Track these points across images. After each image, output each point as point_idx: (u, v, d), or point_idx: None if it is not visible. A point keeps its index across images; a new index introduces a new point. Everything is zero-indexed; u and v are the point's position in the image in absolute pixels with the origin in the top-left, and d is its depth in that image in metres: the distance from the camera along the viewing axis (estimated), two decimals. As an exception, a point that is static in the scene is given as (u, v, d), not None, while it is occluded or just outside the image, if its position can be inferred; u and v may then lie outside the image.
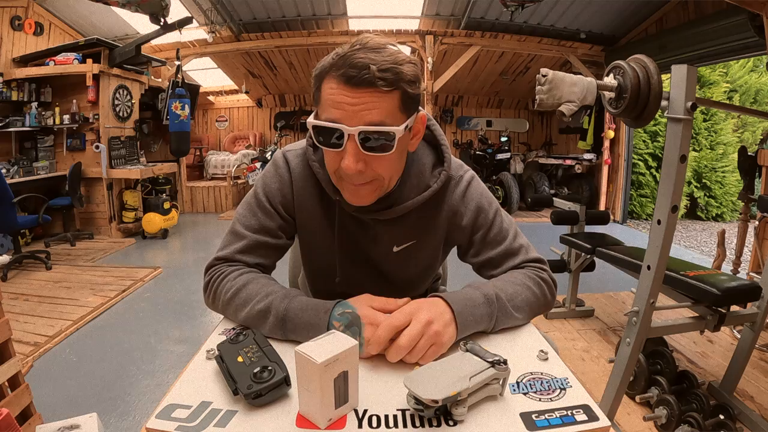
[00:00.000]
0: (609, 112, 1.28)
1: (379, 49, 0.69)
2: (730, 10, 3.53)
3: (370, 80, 0.67)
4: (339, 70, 0.68)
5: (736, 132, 6.39)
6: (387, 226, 0.85)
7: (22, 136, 4.51)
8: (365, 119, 0.69)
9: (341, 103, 0.69)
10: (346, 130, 0.69)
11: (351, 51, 0.68)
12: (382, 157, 0.72)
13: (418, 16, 5.42)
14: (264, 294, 0.75)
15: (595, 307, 2.70)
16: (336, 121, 0.69)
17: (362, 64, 0.67)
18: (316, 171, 0.83)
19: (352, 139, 0.69)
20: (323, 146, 0.73)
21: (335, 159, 0.73)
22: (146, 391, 1.96)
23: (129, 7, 3.61)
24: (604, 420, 0.54)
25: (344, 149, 0.70)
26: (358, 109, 0.68)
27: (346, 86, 0.68)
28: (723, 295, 1.45)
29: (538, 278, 0.83)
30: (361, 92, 0.68)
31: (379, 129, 0.69)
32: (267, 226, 0.85)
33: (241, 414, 0.55)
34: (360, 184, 0.75)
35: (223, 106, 8.08)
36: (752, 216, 2.79)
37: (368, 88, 0.68)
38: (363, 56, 0.67)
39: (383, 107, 0.69)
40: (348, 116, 0.69)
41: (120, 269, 3.61)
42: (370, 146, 0.70)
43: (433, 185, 0.83)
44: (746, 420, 1.60)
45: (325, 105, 0.71)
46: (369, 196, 0.77)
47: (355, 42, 0.70)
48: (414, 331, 0.65)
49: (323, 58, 0.73)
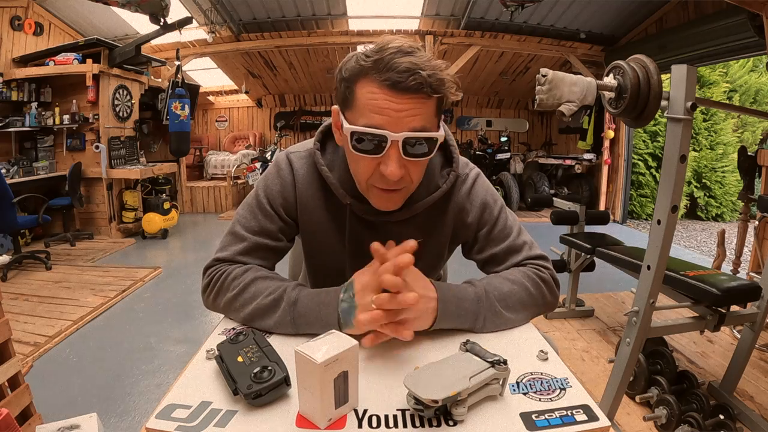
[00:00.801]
0: (609, 112, 1.29)
1: (414, 53, 0.67)
2: (730, 10, 3.53)
3: (417, 86, 0.65)
4: (381, 75, 0.66)
5: (735, 132, 6.39)
6: (397, 227, 0.85)
7: (22, 136, 4.51)
8: (409, 125, 0.68)
9: (386, 108, 0.67)
10: (390, 136, 0.67)
11: (388, 54, 0.66)
12: (418, 162, 0.72)
13: (417, 16, 5.42)
14: (275, 286, 0.76)
15: (595, 307, 2.70)
16: (379, 127, 0.68)
17: (407, 68, 0.65)
18: (326, 175, 0.82)
19: (394, 146, 0.68)
20: (360, 152, 0.71)
21: (370, 165, 0.72)
22: (146, 391, 1.96)
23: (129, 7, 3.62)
24: (604, 420, 0.54)
25: (385, 155, 0.69)
26: (403, 115, 0.67)
27: (390, 91, 0.66)
28: (723, 295, 1.45)
29: (538, 278, 0.83)
30: (406, 98, 0.66)
31: (424, 135, 0.69)
32: (267, 229, 0.84)
33: (241, 414, 0.55)
34: (393, 189, 0.74)
35: (222, 106, 8.08)
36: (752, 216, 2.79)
37: (414, 94, 0.66)
38: (404, 60, 0.65)
39: (425, 113, 0.69)
40: (392, 122, 0.67)
41: (120, 269, 3.61)
42: (411, 152, 0.70)
43: (442, 185, 0.84)
44: (746, 420, 1.60)
45: (364, 110, 0.69)
46: (399, 201, 0.78)
47: (384, 44, 0.67)
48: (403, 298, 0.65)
49: (346, 60, 0.71)
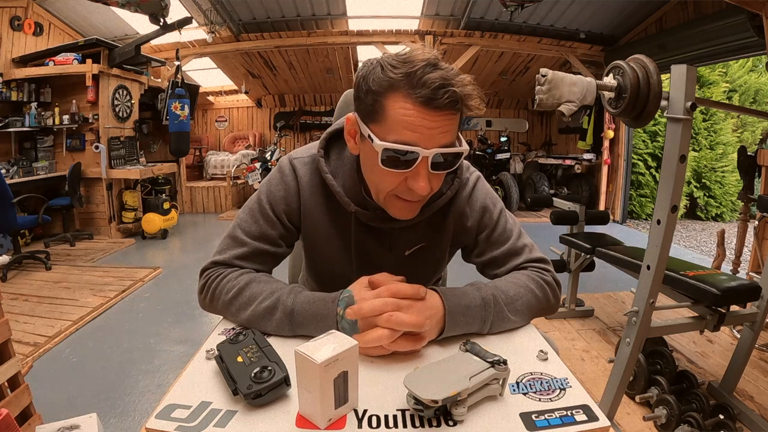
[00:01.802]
0: (609, 112, 1.29)
1: (441, 65, 0.66)
2: (730, 10, 3.53)
3: (451, 104, 0.65)
4: (415, 90, 0.65)
5: (735, 132, 6.39)
6: (400, 232, 0.85)
7: (21, 137, 4.51)
8: (440, 141, 0.68)
9: (419, 126, 0.66)
10: (422, 153, 0.67)
11: (419, 68, 0.65)
12: (441, 174, 0.73)
13: (417, 16, 5.42)
14: (269, 291, 0.75)
15: (594, 307, 2.70)
16: (412, 144, 0.67)
17: (440, 85, 0.64)
18: (330, 183, 0.81)
19: (424, 161, 0.68)
20: (388, 167, 0.69)
21: (396, 179, 0.71)
22: (146, 391, 1.96)
23: (129, 7, 3.61)
24: (603, 420, 0.54)
25: (414, 171, 0.69)
26: (436, 132, 0.67)
27: (424, 108, 0.65)
28: (723, 294, 1.45)
29: (542, 280, 0.83)
30: (439, 115, 0.66)
31: (453, 150, 0.70)
32: (268, 234, 0.83)
33: (241, 414, 0.55)
34: (416, 201, 0.75)
35: (222, 106, 8.08)
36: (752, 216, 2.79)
37: (447, 111, 0.66)
38: (436, 75, 0.64)
39: (453, 128, 0.69)
40: (425, 139, 0.67)
41: (120, 269, 3.61)
42: (438, 166, 0.70)
43: (446, 192, 0.84)
44: (746, 420, 1.60)
45: (395, 125, 0.67)
46: (417, 210, 0.78)
47: (409, 55, 0.66)
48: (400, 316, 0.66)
49: (369, 70, 0.69)
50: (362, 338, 0.65)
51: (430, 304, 0.70)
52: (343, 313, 0.70)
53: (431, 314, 0.69)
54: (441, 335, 0.71)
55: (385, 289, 0.70)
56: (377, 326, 0.66)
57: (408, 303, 0.68)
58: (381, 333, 0.65)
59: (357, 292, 0.72)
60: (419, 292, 0.70)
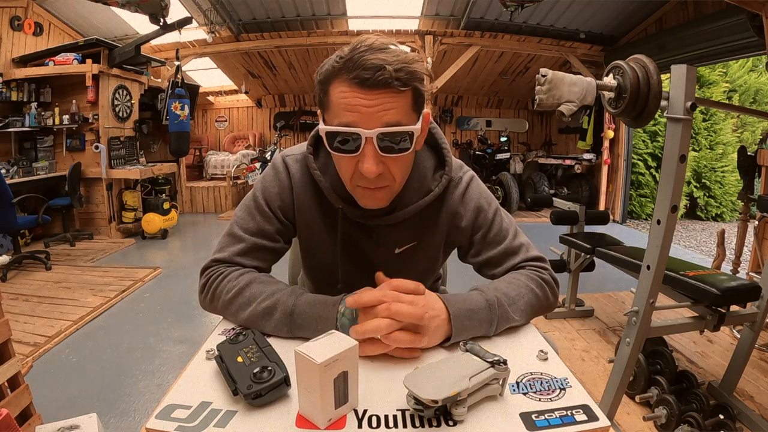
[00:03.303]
0: (608, 112, 1.29)
1: (385, 49, 0.67)
2: (730, 10, 3.53)
3: (386, 81, 0.66)
4: (350, 73, 0.66)
5: (735, 132, 6.39)
6: (389, 230, 0.85)
7: (21, 137, 4.51)
8: (382, 120, 0.68)
9: (356, 105, 0.67)
10: (363, 133, 0.67)
11: (358, 53, 0.66)
12: (398, 158, 0.72)
13: (417, 16, 5.42)
14: (270, 292, 0.75)
15: (594, 307, 2.70)
16: (352, 125, 0.68)
17: (374, 65, 0.65)
18: (318, 179, 0.82)
19: (369, 143, 0.68)
20: (337, 152, 0.71)
21: (350, 164, 0.72)
22: (146, 391, 1.96)
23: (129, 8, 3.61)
24: (603, 420, 0.54)
25: (361, 153, 0.69)
26: (375, 111, 0.67)
27: (360, 89, 0.66)
28: (723, 294, 1.45)
29: (541, 279, 0.83)
30: (376, 94, 0.67)
31: (398, 129, 0.69)
32: (265, 230, 0.84)
33: (241, 414, 0.55)
34: (376, 187, 0.74)
35: (222, 106, 8.08)
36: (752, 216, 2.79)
37: (383, 89, 0.66)
38: (373, 57, 0.66)
39: (399, 107, 0.69)
40: (364, 119, 0.67)
41: (120, 269, 3.61)
42: (388, 147, 0.70)
43: (434, 189, 0.83)
44: (746, 420, 1.60)
45: (336, 109, 0.69)
46: (384, 199, 0.77)
47: (357, 43, 0.68)
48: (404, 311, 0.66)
49: (324, 62, 0.71)
50: (361, 328, 0.65)
51: (432, 304, 0.70)
52: (344, 308, 0.70)
53: (433, 314, 0.69)
54: (448, 341, 0.71)
55: (386, 284, 0.71)
56: (376, 317, 0.66)
57: (409, 297, 0.68)
58: (380, 323, 0.65)
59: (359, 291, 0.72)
60: (419, 288, 0.71)
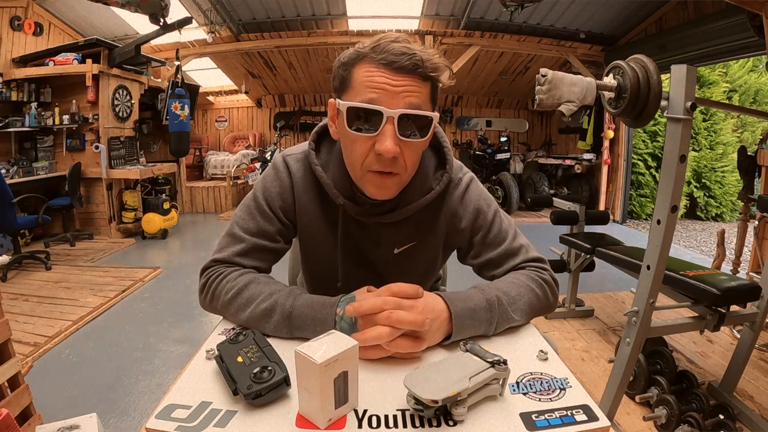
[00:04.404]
0: (608, 112, 1.28)
1: (409, 42, 0.71)
2: (730, 10, 3.53)
3: (413, 66, 0.68)
4: (379, 55, 0.69)
5: (735, 132, 6.40)
6: (389, 229, 0.85)
7: (21, 137, 4.51)
8: (406, 101, 0.69)
9: (382, 83, 0.69)
10: (386, 112, 0.68)
11: (385, 41, 0.69)
12: (414, 144, 0.72)
13: (417, 16, 5.42)
14: (268, 293, 0.74)
15: (594, 307, 2.70)
16: (375, 103, 0.69)
17: (403, 51, 0.68)
18: (319, 175, 0.82)
19: (390, 122, 0.69)
20: (355, 131, 0.71)
21: (365, 145, 0.72)
22: (146, 391, 1.96)
23: (129, 8, 3.61)
24: (603, 420, 0.54)
25: (380, 133, 0.70)
26: (399, 90, 0.69)
27: (387, 69, 0.69)
28: (723, 294, 1.45)
29: (541, 279, 0.83)
30: (402, 76, 0.69)
31: (420, 113, 0.70)
32: (265, 230, 0.84)
33: (241, 414, 0.55)
34: (387, 174, 0.74)
35: (222, 106, 8.08)
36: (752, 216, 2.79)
37: (409, 74, 0.69)
38: (400, 45, 0.69)
39: (421, 92, 0.71)
40: (389, 98, 0.69)
41: (119, 269, 3.61)
42: (407, 131, 0.71)
43: (435, 187, 0.83)
44: (746, 420, 1.60)
45: (360, 87, 0.70)
46: (393, 188, 0.77)
47: (381, 37, 0.71)
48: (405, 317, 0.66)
49: (345, 52, 0.73)
50: (362, 336, 0.65)
51: (432, 306, 0.69)
52: (343, 313, 0.69)
53: (433, 316, 0.68)
54: (448, 340, 0.71)
55: (386, 289, 0.70)
56: (377, 325, 0.66)
57: (409, 303, 0.68)
58: (381, 331, 0.64)
59: (358, 295, 0.72)
60: (418, 291, 0.70)
